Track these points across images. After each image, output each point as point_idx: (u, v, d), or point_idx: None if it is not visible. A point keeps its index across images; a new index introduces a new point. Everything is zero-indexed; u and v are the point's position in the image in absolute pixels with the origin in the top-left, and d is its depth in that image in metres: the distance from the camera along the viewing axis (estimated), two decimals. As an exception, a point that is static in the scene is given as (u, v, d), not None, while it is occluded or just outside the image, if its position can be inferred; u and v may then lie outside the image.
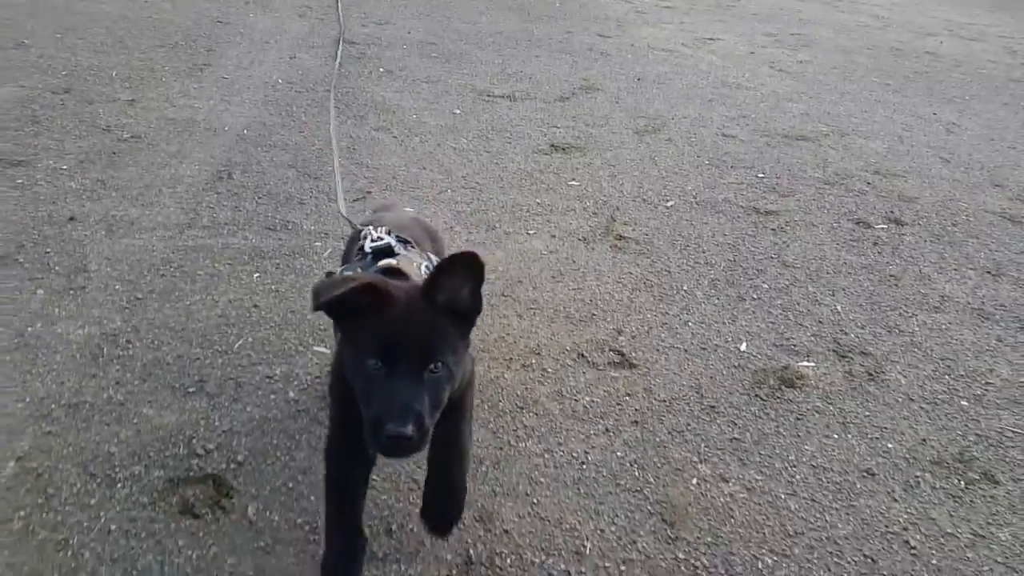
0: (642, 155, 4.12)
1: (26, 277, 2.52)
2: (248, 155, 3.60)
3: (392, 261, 1.59)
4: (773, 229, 3.43)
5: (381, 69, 5.01)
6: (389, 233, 1.72)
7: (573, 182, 3.71)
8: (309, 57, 5.08)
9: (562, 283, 2.86)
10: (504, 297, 2.73)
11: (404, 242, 1.74)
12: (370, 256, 1.64)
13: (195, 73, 4.56)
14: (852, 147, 4.50)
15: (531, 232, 3.20)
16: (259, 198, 3.22)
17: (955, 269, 3.21)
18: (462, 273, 1.31)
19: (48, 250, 2.68)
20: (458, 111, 4.44)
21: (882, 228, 3.52)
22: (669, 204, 3.59)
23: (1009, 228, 3.62)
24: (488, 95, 4.76)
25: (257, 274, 2.70)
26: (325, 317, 1.49)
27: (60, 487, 1.78)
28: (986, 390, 2.47)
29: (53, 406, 2.01)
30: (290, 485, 1.85)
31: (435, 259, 1.74)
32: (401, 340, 1.26)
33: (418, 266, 1.63)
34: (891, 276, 3.11)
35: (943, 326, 2.80)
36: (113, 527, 1.69)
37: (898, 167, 4.25)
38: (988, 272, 3.21)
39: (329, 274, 1.65)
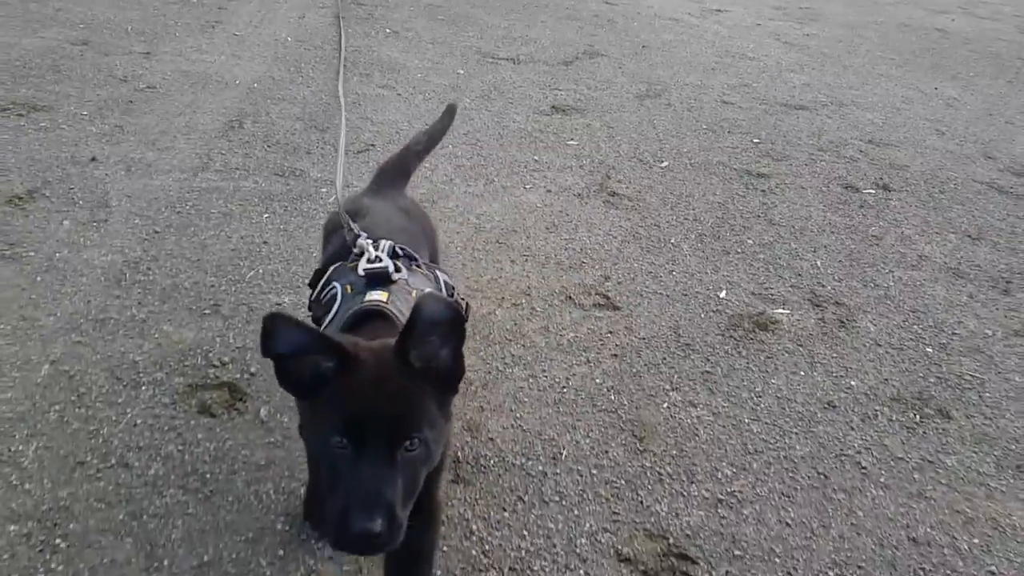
0: (641, 118, 4.31)
1: (53, 209, 2.75)
2: (258, 107, 3.81)
3: (381, 297, 1.38)
4: (763, 190, 3.62)
5: (388, 30, 5.19)
6: (394, 254, 1.51)
7: (571, 141, 3.90)
8: (318, 17, 5.27)
9: (555, 234, 3.07)
10: (499, 244, 2.94)
11: (410, 258, 1.56)
12: (364, 281, 1.44)
13: (207, 29, 4.75)
14: (849, 117, 4.67)
15: (527, 187, 3.40)
16: (268, 146, 3.43)
17: (937, 232, 3.40)
18: (440, 332, 1.14)
19: (72, 187, 2.91)
20: (462, 71, 4.63)
21: (870, 193, 3.71)
22: (664, 165, 3.78)
23: (995, 197, 3.80)
24: (492, 57, 4.94)
25: (266, 215, 2.91)
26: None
27: (90, 387, 2.01)
28: (951, 339, 2.68)
29: (81, 321, 2.24)
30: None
31: (444, 277, 1.61)
32: (370, 413, 1.09)
33: (416, 296, 1.40)
34: (873, 236, 3.31)
35: (918, 282, 3.00)
36: (139, 421, 1.92)
37: (892, 137, 4.42)
38: (969, 236, 3.40)
39: (317, 273, 1.56)
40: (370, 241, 1.52)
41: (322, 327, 1.41)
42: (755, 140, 4.19)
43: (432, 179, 3.34)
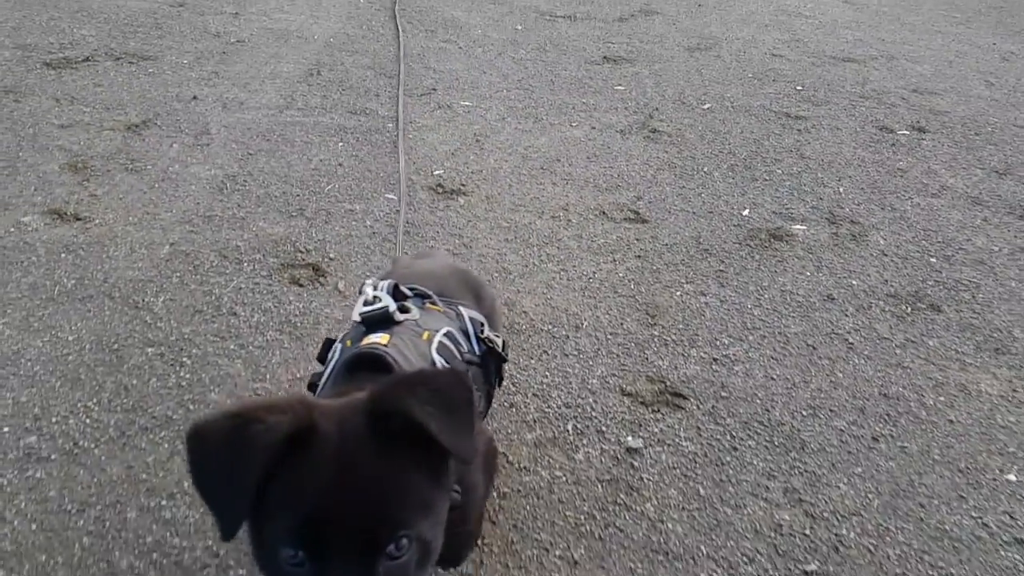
0: (689, 68, 4.67)
1: (163, 136, 3.34)
2: (334, 58, 4.36)
3: (380, 340, 1.15)
4: (799, 130, 3.95)
5: (453, -8, 5.68)
6: (397, 292, 1.36)
7: (619, 87, 4.31)
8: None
9: (595, 163, 3.49)
10: (543, 170, 3.39)
11: (421, 296, 1.41)
12: (361, 327, 1.28)
13: (288, -7, 5.35)
14: (897, 68, 4.91)
15: (573, 124, 3.84)
16: (343, 90, 3.96)
17: (964, 168, 3.68)
18: (436, 400, 0.88)
19: (178, 119, 3.50)
20: (520, 27, 5.08)
21: (904, 134, 3.99)
22: (706, 107, 4.15)
23: (1033, 139, 4.02)
24: (550, 15, 5.38)
25: (341, 143, 3.44)
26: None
27: (203, 262, 2.56)
28: (956, 253, 2.99)
29: (193, 216, 2.81)
30: (367, 272, 2.59)
31: (471, 313, 1.46)
32: (334, 511, 0.82)
33: (429, 338, 1.26)
34: (899, 169, 3.61)
35: (935, 208, 3.31)
36: (243, 286, 2.47)
37: (938, 87, 4.65)
38: (996, 171, 3.66)
39: (326, 344, 1.38)
40: (371, 283, 1.35)
41: (316, 393, 1.23)
42: (798, 88, 4.50)
43: (486, 117, 3.81)
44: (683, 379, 2.24)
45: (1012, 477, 1.99)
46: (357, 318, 1.27)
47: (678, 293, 2.64)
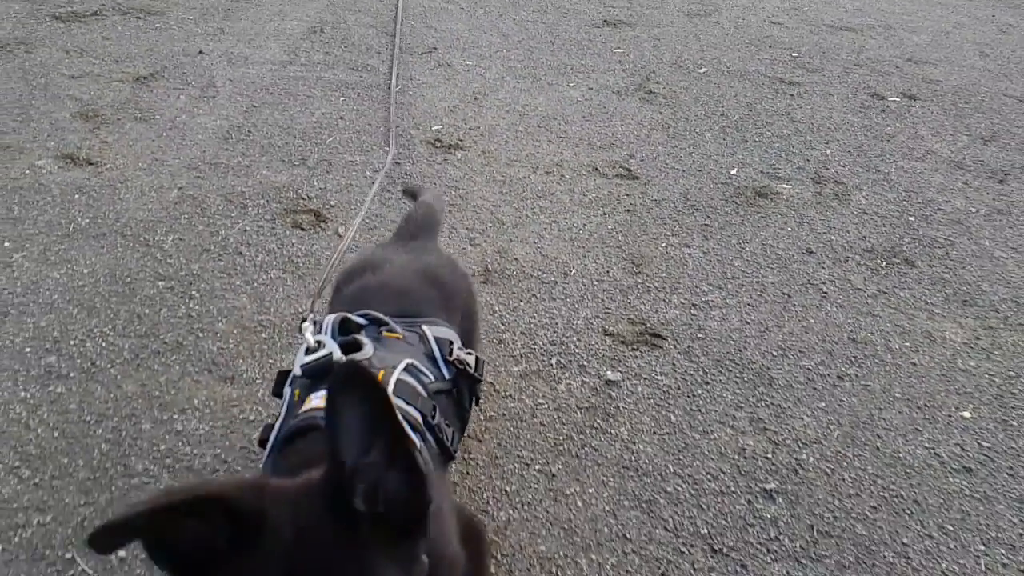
0: (688, 33, 4.77)
1: (171, 87, 3.47)
2: (337, 16, 4.46)
3: (321, 403, 0.97)
4: (791, 95, 4.07)
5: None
6: (344, 328, 1.23)
7: (617, 50, 4.41)
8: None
9: (590, 122, 3.62)
10: (539, 128, 3.51)
11: (376, 323, 1.27)
12: (304, 378, 1.15)
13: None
14: (893, 38, 5.00)
15: (571, 85, 3.95)
16: (345, 47, 4.08)
17: (951, 134, 3.79)
18: (375, 438, 0.76)
19: (185, 72, 3.62)
20: (522, -10, 5.17)
21: (894, 101, 4.10)
22: (702, 71, 4.26)
23: (1021, 108, 4.13)
24: (552, -21, 5.46)
25: (342, 98, 3.56)
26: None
27: (209, 205, 2.71)
28: (935, 213, 3.12)
29: (199, 163, 2.94)
30: (368, 219, 2.72)
31: (437, 332, 1.32)
32: None
33: (387, 376, 1.14)
34: (886, 134, 3.73)
35: (918, 171, 3.43)
36: (247, 228, 2.61)
37: (933, 56, 4.75)
38: (981, 138, 3.78)
39: (280, 377, 1.26)
40: (311, 323, 1.22)
41: (266, 451, 1.11)
42: (794, 54, 4.60)
43: (486, 76, 3.93)
44: (663, 322, 2.39)
45: (967, 414, 2.15)
46: (298, 371, 1.14)
47: (663, 245, 2.78)
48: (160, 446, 1.80)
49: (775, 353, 2.31)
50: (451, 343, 1.33)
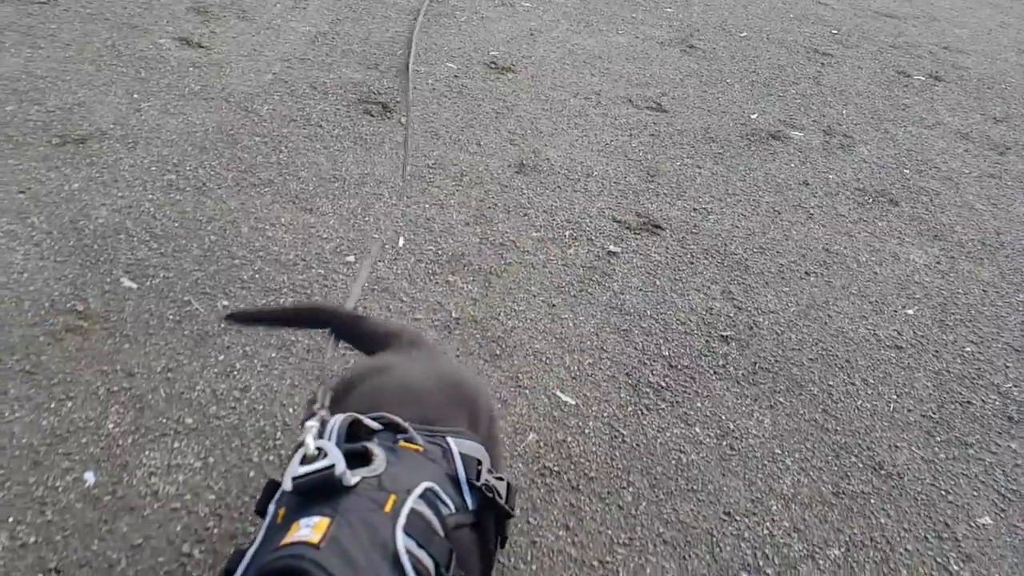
0: (736, 3, 5.19)
1: (269, -3, 4.05)
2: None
3: (311, 534, 0.82)
4: (822, 64, 4.47)
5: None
6: (353, 434, 0.99)
7: (668, 8, 4.86)
8: None
9: (632, 63, 4.08)
10: (584, 64, 3.99)
11: (393, 428, 1.05)
12: (294, 494, 0.90)
13: None
14: (935, 28, 5.34)
15: (620, 32, 4.42)
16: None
17: (965, 112, 4.17)
18: None
19: (281, -14, 4.19)
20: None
21: (919, 79, 4.48)
22: (743, 35, 4.68)
23: (1041, 98, 4.47)
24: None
25: (415, 20, 4.09)
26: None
27: (297, 88, 3.26)
28: (930, 170, 3.53)
29: (290, 57, 3.50)
30: (428, 114, 3.25)
31: (463, 447, 1.08)
32: None
33: (394, 507, 0.90)
34: (904, 105, 4.13)
35: (925, 137, 3.83)
36: (327, 109, 3.15)
37: (970, 48, 5.09)
38: (994, 118, 4.15)
39: (268, 489, 0.99)
40: (315, 424, 0.98)
41: None
42: (834, 31, 4.99)
43: (543, 18, 4.42)
44: (665, 218, 2.88)
45: (910, 311, 2.59)
46: (288, 486, 0.90)
47: (678, 163, 3.25)
48: (255, 243, 2.36)
49: (756, 250, 2.77)
50: (479, 463, 1.08)
